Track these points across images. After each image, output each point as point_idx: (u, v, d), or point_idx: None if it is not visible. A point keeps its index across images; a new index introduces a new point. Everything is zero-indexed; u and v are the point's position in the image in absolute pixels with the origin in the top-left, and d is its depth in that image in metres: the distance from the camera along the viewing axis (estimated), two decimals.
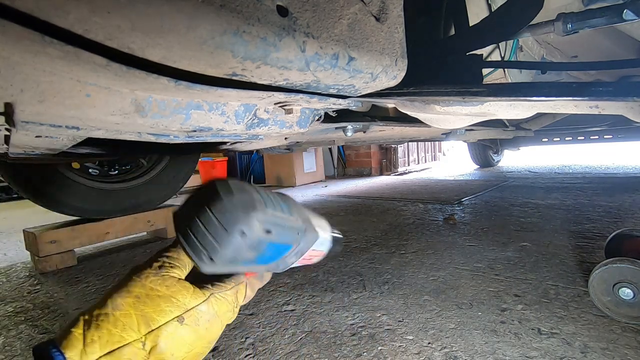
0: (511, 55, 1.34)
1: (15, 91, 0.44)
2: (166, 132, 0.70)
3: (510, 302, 0.94)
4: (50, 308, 1.13)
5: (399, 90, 0.74)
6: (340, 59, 0.53)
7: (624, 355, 0.70)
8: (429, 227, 1.78)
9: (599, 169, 3.72)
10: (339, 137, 1.77)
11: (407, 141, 2.89)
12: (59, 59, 0.39)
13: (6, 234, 2.44)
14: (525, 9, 0.86)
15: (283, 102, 0.68)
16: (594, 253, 1.24)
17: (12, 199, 4.58)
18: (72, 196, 1.68)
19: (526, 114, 0.95)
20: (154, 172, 2.00)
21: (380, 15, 0.58)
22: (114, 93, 0.52)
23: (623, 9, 0.74)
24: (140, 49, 0.39)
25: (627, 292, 0.79)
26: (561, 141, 3.47)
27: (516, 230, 1.60)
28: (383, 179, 4.26)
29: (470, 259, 1.28)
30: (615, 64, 0.93)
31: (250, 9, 0.42)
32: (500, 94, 0.72)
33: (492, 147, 4.49)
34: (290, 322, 0.93)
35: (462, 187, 3.03)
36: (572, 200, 2.17)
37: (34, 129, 0.54)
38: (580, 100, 0.73)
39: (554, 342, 0.75)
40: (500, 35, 1.01)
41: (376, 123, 1.27)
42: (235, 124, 0.71)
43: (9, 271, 1.56)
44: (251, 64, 0.46)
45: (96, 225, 1.68)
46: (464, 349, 0.75)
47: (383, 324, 0.88)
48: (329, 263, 1.34)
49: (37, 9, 0.32)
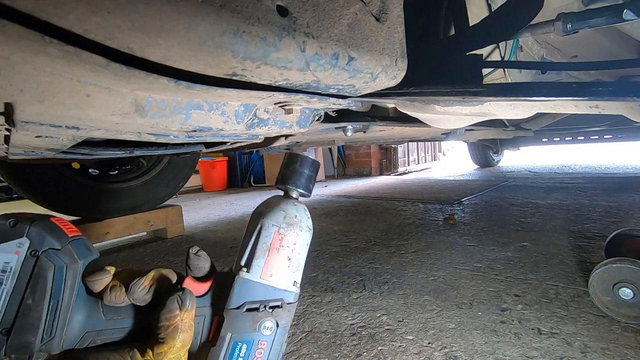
0: (511, 55, 1.34)
1: (15, 91, 0.44)
2: (166, 132, 0.70)
3: (510, 302, 0.94)
4: None
5: (399, 90, 0.74)
6: (340, 59, 0.53)
7: (624, 355, 0.70)
8: (429, 227, 1.78)
9: (599, 169, 3.72)
10: (339, 137, 1.77)
11: (407, 141, 2.89)
12: (59, 59, 0.39)
13: None
14: (525, 9, 0.86)
15: (283, 102, 0.68)
16: (594, 253, 1.24)
17: (12, 199, 4.57)
18: (71, 196, 1.68)
19: (526, 114, 0.95)
20: (154, 172, 2.00)
21: (380, 15, 0.58)
22: (114, 93, 0.52)
23: (623, 9, 0.74)
24: (140, 49, 0.39)
25: (627, 292, 0.79)
26: (561, 141, 3.47)
27: (516, 230, 1.60)
28: (383, 179, 4.26)
29: (470, 259, 1.28)
30: (615, 64, 0.93)
31: (250, 9, 0.42)
32: (500, 94, 0.72)
33: (492, 147, 4.50)
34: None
35: (462, 187, 3.03)
36: (572, 200, 2.17)
37: (34, 129, 0.54)
38: (580, 100, 0.73)
39: (554, 342, 0.75)
40: (500, 35, 1.01)
41: (376, 123, 1.27)
42: (235, 124, 0.71)
43: None
44: (251, 64, 0.46)
45: (96, 225, 1.68)
46: (464, 349, 0.75)
47: (383, 324, 0.88)
48: (329, 263, 1.34)
49: (37, 9, 0.32)
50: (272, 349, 0.36)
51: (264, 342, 0.36)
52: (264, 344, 0.36)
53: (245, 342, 0.35)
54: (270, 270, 0.38)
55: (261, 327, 0.36)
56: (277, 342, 0.37)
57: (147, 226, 1.88)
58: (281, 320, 0.37)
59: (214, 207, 2.99)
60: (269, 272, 0.38)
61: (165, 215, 1.95)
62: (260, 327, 0.36)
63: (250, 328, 0.36)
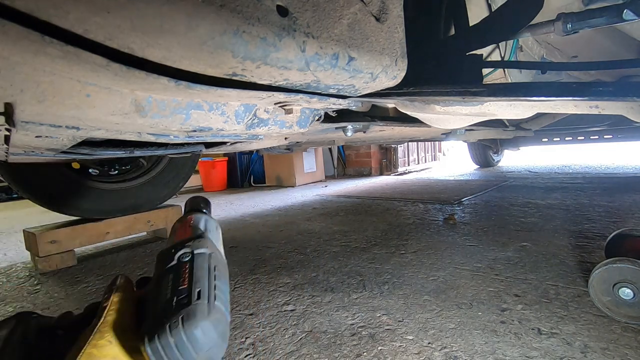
0: (511, 55, 1.34)
1: (15, 91, 0.44)
2: (166, 132, 0.70)
3: (510, 302, 0.94)
4: (50, 308, 1.13)
5: (399, 90, 0.74)
6: (340, 59, 0.53)
7: (624, 355, 0.70)
8: (429, 227, 1.78)
9: (599, 169, 3.72)
10: (339, 137, 1.77)
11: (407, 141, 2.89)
12: (59, 59, 0.39)
13: (6, 234, 2.44)
14: (525, 9, 0.86)
15: (283, 102, 0.68)
16: (594, 253, 1.24)
17: (12, 199, 4.58)
18: (72, 196, 1.68)
19: (526, 114, 0.95)
20: (154, 172, 2.00)
21: (380, 15, 0.58)
22: (114, 93, 0.52)
23: (623, 9, 0.74)
24: (140, 49, 0.39)
25: (627, 292, 0.79)
26: (561, 141, 3.47)
27: (516, 230, 1.61)
28: (383, 179, 4.26)
29: (470, 259, 1.28)
30: (615, 64, 0.93)
31: (250, 9, 0.42)
32: (500, 94, 0.72)
33: (492, 147, 4.50)
34: (290, 322, 0.93)
35: (462, 187, 3.04)
36: (572, 200, 2.17)
37: (34, 129, 0.54)
38: (580, 100, 0.73)
39: (554, 342, 0.75)
40: (500, 35, 1.01)
41: (376, 123, 1.27)
42: (235, 124, 0.71)
43: (9, 271, 1.56)
44: (251, 64, 0.46)
45: (96, 225, 1.68)
46: (464, 349, 0.75)
47: (383, 324, 0.88)
48: (329, 263, 1.34)
49: (37, 9, 0.32)
50: (195, 267, 0.41)
51: (185, 264, 0.42)
52: (186, 265, 0.41)
53: (171, 271, 0.41)
54: (179, 237, 0.47)
55: (178, 257, 0.42)
56: (198, 262, 0.42)
57: (147, 226, 1.88)
58: (195, 247, 0.44)
59: (213, 207, 2.98)
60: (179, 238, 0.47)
61: (165, 215, 1.95)
62: (178, 258, 0.42)
63: (170, 261, 0.42)
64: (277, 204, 2.91)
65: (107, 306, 0.40)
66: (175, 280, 0.39)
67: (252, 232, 1.95)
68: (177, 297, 0.36)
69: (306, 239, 1.72)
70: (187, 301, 0.35)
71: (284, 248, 1.59)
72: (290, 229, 1.95)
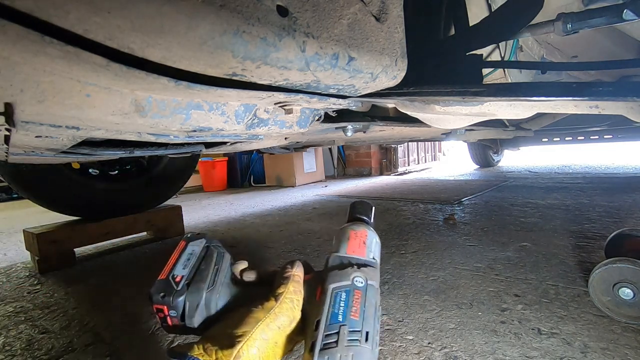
0: (511, 55, 1.34)
1: (15, 91, 0.44)
2: (166, 132, 0.70)
3: (510, 302, 0.94)
4: (50, 308, 1.13)
5: (399, 90, 0.74)
6: (340, 59, 0.53)
7: (624, 355, 0.70)
8: (429, 227, 1.78)
9: (599, 169, 3.72)
10: (339, 137, 1.77)
11: (407, 141, 2.89)
12: (59, 59, 0.39)
13: (6, 234, 2.44)
14: (525, 9, 0.86)
15: (283, 102, 0.68)
16: (594, 253, 1.24)
17: (12, 199, 4.58)
18: (71, 196, 1.68)
19: (526, 114, 0.95)
20: (154, 172, 2.00)
21: (380, 15, 0.58)
22: (114, 93, 0.52)
23: (623, 9, 0.74)
24: (140, 49, 0.39)
25: (627, 292, 0.79)
26: (561, 141, 3.47)
27: (516, 230, 1.61)
28: (383, 179, 4.26)
29: (470, 259, 1.28)
30: (615, 64, 0.93)
31: (250, 9, 0.42)
32: (500, 94, 0.72)
33: (492, 147, 4.50)
34: None
35: (462, 187, 3.04)
36: (572, 200, 2.17)
37: (34, 129, 0.54)
38: (580, 100, 0.73)
39: (554, 342, 0.75)
40: (500, 35, 1.01)
41: (376, 123, 1.27)
42: (235, 124, 0.71)
43: (9, 271, 1.56)
44: (251, 64, 0.46)
45: (96, 225, 1.68)
46: (464, 349, 0.75)
47: (383, 324, 0.88)
48: None
49: (37, 9, 0.32)
50: (367, 301, 0.45)
51: (359, 291, 0.45)
52: (359, 293, 0.45)
53: (344, 290, 0.45)
54: (352, 249, 0.53)
55: (354, 279, 0.47)
56: (369, 295, 0.46)
57: (148, 226, 1.88)
58: (368, 276, 0.48)
59: (213, 207, 2.99)
60: (352, 250, 0.53)
61: (165, 215, 1.95)
62: (353, 279, 0.47)
63: (346, 279, 0.46)
64: (277, 203, 2.91)
65: (284, 292, 0.47)
66: (347, 304, 0.43)
67: (252, 232, 1.95)
68: (349, 328, 0.41)
69: (306, 239, 1.72)
70: (356, 338, 0.40)
71: (284, 248, 1.59)
72: (290, 229, 1.95)
